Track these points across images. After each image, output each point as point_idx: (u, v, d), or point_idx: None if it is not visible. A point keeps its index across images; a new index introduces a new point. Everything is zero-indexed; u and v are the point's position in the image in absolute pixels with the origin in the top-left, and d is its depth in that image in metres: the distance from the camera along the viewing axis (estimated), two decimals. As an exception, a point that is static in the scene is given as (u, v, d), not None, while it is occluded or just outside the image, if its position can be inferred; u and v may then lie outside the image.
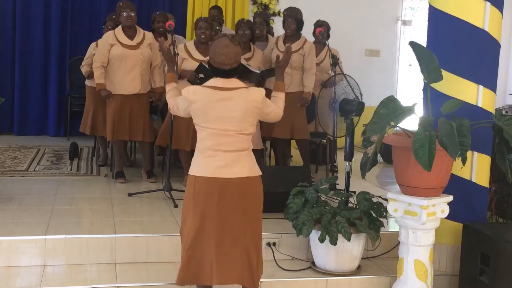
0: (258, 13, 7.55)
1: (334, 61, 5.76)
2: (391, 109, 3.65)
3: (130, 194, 5.35)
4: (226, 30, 7.23)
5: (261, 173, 3.49)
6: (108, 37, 5.78)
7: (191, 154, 3.68)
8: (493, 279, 3.90)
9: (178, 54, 5.36)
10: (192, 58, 5.56)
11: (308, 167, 5.59)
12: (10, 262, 4.08)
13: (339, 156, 5.73)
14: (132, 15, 5.71)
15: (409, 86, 9.47)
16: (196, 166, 3.43)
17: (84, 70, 6.39)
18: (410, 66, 9.34)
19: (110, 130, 5.77)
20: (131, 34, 5.77)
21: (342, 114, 4.85)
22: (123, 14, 5.71)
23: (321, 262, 4.22)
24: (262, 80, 5.83)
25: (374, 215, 4.19)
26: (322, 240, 3.99)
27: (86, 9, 8.55)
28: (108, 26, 6.22)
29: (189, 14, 8.46)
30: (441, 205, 3.80)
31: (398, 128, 3.87)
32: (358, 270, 4.27)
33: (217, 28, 6.27)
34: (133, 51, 5.72)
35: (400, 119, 3.64)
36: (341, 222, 3.99)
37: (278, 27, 7.57)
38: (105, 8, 8.33)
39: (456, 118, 3.65)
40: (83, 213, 4.93)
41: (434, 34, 4.27)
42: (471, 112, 4.01)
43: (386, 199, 4.07)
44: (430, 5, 4.30)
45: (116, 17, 6.03)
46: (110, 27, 6.13)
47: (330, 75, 5.93)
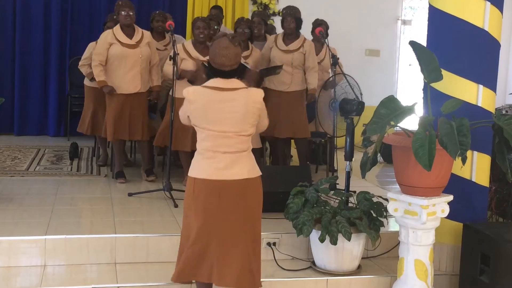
0: (256, 12, 7.54)
1: (334, 60, 5.76)
2: (391, 108, 3.65)
3: (130, 194, 5.35)
4: (226, 30, 7.22)
5: (261, 173, 3.49)
6: (106, 35, 5.76)
7: (191, 155, 3.68)
8: (493, 279, 3.90)
9: (178, 54, 5.36)
10: (191, 58, 5.56)
11: (308, 167, 5.59)
12: (10, 262, 4.08)
13: (339, 156, 5.73)
14: (130, 14, 5.71)
15: (409, 85, 9.47)
16: (195, 168, 3.42)
17: (84, 70, 6.36)
18: (410, 65, 9.35)
19: (110, 130, 5.76)
20: (130, 33, 5.76)
21: (342, 113, 4.85)
22: (122, 13, 5.70)
23: (321, 262, 4.22)
24: (261, 79, 5.83)
25: (374, 215, 4.19)
26: (322, 240, 3.99)
27: (86, 9, 8.55)
28: (109, 27, 6.20)
29: (189, 14, 8.47)
30: (441, 204, 3.80)
31: (398, 127, 3.86)
32: (358, 270, 4.27)
33: (215, 27, 6.26)
34: (132, 50, 5.71)
35: (400, 119, 3.64)
36: (341, 222, 3.99)
37: (278, 27, 7.56)
38: (105, 8, 8.33)
39: (456, 117, 3.65)
40: (83, 213, 4.93)
41: (434, 34, 4.27)
42: (471, 111, 4.01)
43: (386, 199, 4.07)
44: (430, 4, 4.29)
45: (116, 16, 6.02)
46: (111, 28, 6.11)
47: (330, 74, 5.93)
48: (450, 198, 3.84)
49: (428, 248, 3.87)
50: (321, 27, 6.18)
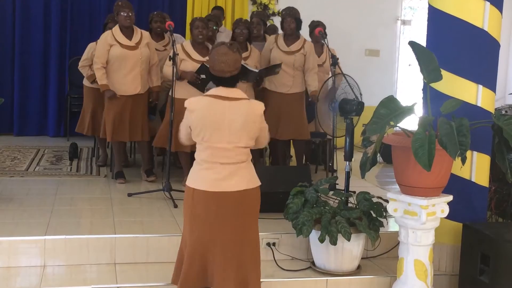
0: (255, 13, 7.53)
1: (334, 61, 5.76)
2: (391, 109, 3.65)
3: (130, 195, 5.35)
4: (226, 31, 7.22)
5: (260, 183, 3.47)
6: (106, 37, 5.74)
7: (191, 155, 3.68)
8: (493, 279, 3.90)
9: (178, 54, 5.35)
10: (191, 59, 5.55)
11: (307, 167, 5.59)
12: (10, 262, 4.08)
13: (339, 156, 5.73)
14: (130, 15, 5.69)
15: (408, 85, 9.47)
16: (193, 178, 3.41)
17: (85, 72, 6.33)
18: (409, 65, 9.35)
19: (110, 131, 5.76)
20: (129, 34, 5.74)
21: (342, 114, 4.85)
22: (122, 14, 5.68)
23: (321, 262, 4.22)
24: (260, 79, 5.83)
25: (374, 215, 4.19)
26: (322, 240, 3.99)
27: (86, 9, 8.55)
28: (110, 27, 6.10)
29: (188, 14, 8.46)
30: (440, 204, 3.80)
31: (397, 128, 3.86)
32: (358, 270, 4.27)
33: (214, 28, 6.25)
34: (132, 52, 5.70)
35: (399, 119, 3.64)
36: (341, 222, 3.99)
37: (278, 27, 7.56)
38: (105, 8, 8.33)
39: (455, 117, 3.65)
40: (83, 213, 4.92)
41: (434, 34, 4.27)
42: (471, 111, 4.01)
43: (386, 199, 4.07)
44: (429, 4, 4.30)
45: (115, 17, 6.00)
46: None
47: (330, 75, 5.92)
48: (450, 198, 3.84)
49: (427, 248, 3.87)
50: (320, 27, 6.17)
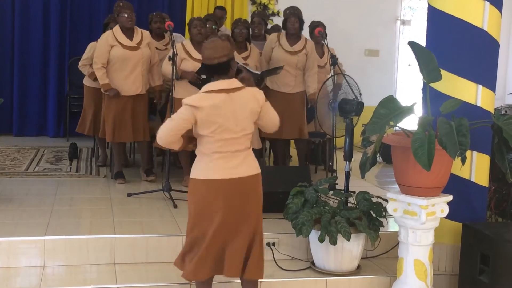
0: (256, 12, 7.53)
1: (334, 60, 5.76)
2: (391, 108, 3.65)
3: (129, 195, 5.35)
4: (227, 31, 7.21)
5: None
6: (107, 37, 5.72)
7: (191, 155, 3.68)
8: (492, 279, 3.90)
9: (178, 54, 5.35)
10: (191, 58, 5.55)
11: (307, 167, 5.59)
12: (9, 262, 4.08)
13: (339, 156, 5.73)
14: (132, 16, 5.68)
15: (408, 85, 9.47)
16: (204, 170, 3.43)
17: (85, 70, 6.31)
18: (409, 65, 9.34)
19: (110, 132, 5.75)
20: (130, 34, 5.73)
21: (342, 114, 4.85)
22: (124, 15, 5.66)
23: (320, 262, 4.22)
24: (261, 79, 5.82)
25: (374, 215, 4.19)
26: (321, 240, 3.99)
27: (86, 9, 8.54)
28: (111, 28, 6.04)
29: (188, 14, 8.45)
30: (440, 204, 3.81)
31: (397, 127, 3.87)
32: (358, 270, 4.27)
33: (213, 27, 6.24)
34: (134, 52, 5.69)
35: (399, 119, 3.64)
36: (340, 222, 3.99)
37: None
38: (104, 8, 8.33)
39: (455, 117, 3.65)
40: (83, 213, 4.92)
41: (433, 34, 4.27)
42: (471, 111, 4.01)
43: (386, 199, 4.07)
44: (429, 4, 4.30)
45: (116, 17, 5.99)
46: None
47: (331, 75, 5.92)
48: (450, 198, 3.84)
49: (427, 248, 3.87)
50: (320, 28, 6.17)
